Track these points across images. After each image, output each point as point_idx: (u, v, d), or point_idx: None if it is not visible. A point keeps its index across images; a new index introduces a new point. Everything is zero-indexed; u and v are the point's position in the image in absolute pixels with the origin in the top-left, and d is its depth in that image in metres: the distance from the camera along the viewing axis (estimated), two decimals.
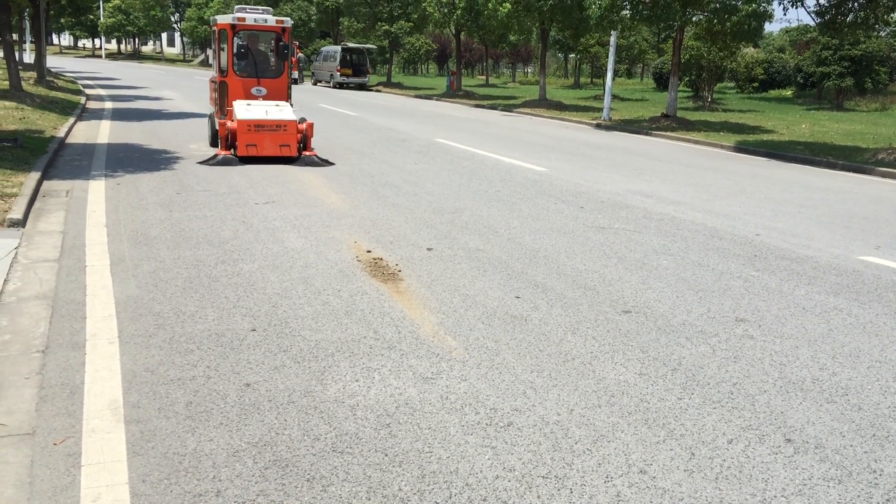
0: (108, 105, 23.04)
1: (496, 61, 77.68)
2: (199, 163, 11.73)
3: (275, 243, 7.14)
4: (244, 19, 12.73)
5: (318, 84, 44.14)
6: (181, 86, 35.77)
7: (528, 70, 79.12)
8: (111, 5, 70.36)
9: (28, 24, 41.42)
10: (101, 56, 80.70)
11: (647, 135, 21.06)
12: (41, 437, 3.51)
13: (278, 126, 12.11)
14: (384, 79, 48.36)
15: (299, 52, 45.21)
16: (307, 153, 12.32)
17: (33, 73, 26.96)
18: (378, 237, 7.56)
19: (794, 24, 48.46)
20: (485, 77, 63.09)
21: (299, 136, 12.32)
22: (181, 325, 4.95)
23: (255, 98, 13.01)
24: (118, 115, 19.68)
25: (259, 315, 5.19)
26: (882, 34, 32.98)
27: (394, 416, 3.82)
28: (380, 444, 3.56)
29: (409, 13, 42.57)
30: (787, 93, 41.68)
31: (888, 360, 4.84)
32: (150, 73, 50.24)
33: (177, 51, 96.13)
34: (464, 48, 50.52)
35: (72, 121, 16.82)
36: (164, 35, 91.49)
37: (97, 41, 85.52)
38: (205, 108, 22.28)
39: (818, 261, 7.30)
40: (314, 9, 53.76)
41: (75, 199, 8.85)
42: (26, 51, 42.85)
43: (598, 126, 23.31)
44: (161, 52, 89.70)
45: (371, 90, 41.69)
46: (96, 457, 3.35)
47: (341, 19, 50.22)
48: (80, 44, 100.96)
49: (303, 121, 12.60)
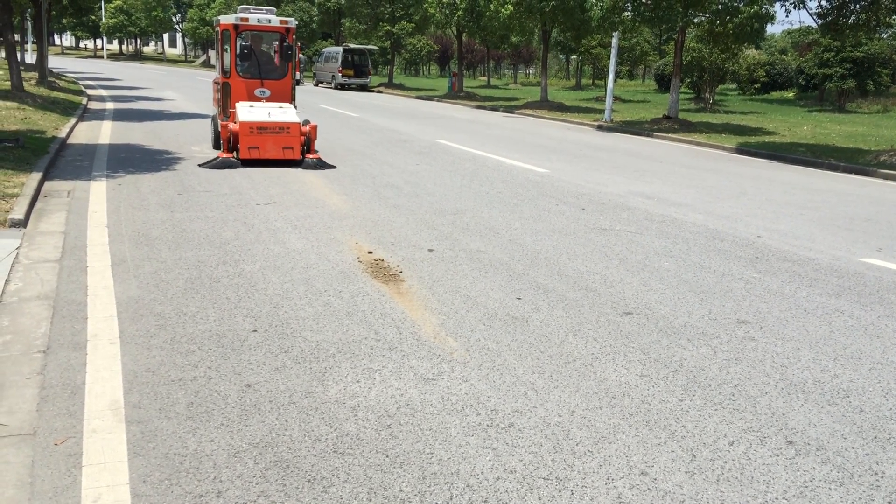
0: (110, 105, 23.05)
1: (498, 62, 77.71)
2: (199, 165, 11.63)
3: (276, 244, 7.14)
4: (247, 19, 12.53)
5: (320, 85, 44.18)
6: (182, 86, 35.80)
7: (530, 71, 79.15)
8: (113, 6, 70.41)
9: (30, 24, 41.44)
10: (102, 56, 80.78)
11: (648, 136, 21.06)
12: (42, 437, 3.51)
13: (281, 128, 11.93)
14: (386, 80, 48.40)
15: (300, 52, 45.26)
16: (310, 156, 12.16)
17: (35, 74, 26.98)
18: (379, 238, 7.56)
19: (795, 26, 48.58)
20: (486, 78, 63.20)
21: (302, 138, 12.15)
22: (182, 325, 4.95)
23: (259, 100, 12.81)
24: (120, 116, 19.69)
25: (260, 316, 5.19)
26: (884, 36, 32.98)
27: (395, 417, 3.82)
28: (381, 445, 3.56)
29: (411, 14, 42.59)
30: (789, 94, 41.70)
31: (890, 362, 4.83)
32: (151, 73, 50.28)
33: (178, 51, 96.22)
34: (465, 49, 50.52)
35: (73, 121, 16.83)
36: (166, 36, 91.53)
37: (99, 42, 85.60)
38: (206, 108, 22.31)
39: (820, 263, 7.30)
40: (316, 10, 53.83)
41: (77, 199, 8.86)
42: (28, 51, 42.88)
43: (600, 127, 23.31)
44: (163, 52, 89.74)
45: (372, 91, 41.73)
46: (97, 457, 3.35)
47: (343, 20, 50.28)
48: (82, 44, 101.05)
49: (306, 123, 12.42)
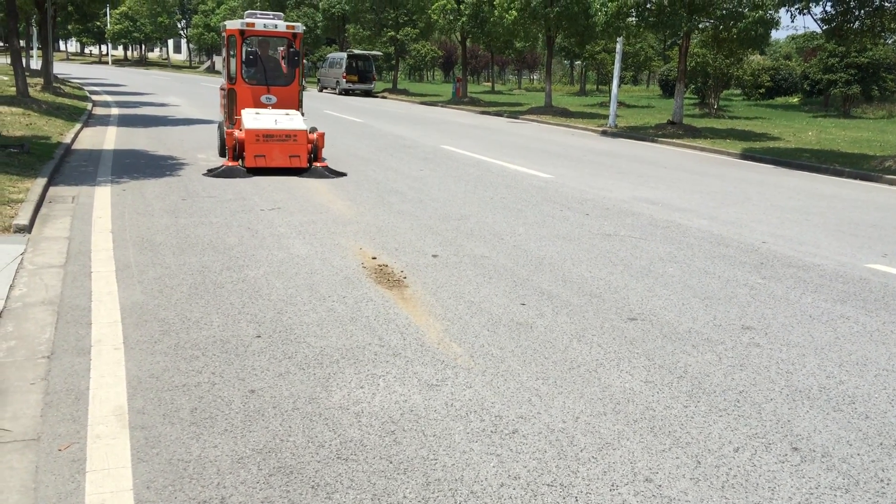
0: (115, 111, 23.11)
1: (502, 68, 77.78)
2: (204, 174, 11.40)
3: (280, 250, 7.14)
4: (253, 25, 12.26)
5: (324, 91, 44.25)
6: (187, 92, 35.88)
7: (534, 77, 79.18)
8: (118, 12, 70.62)
9: (35, 30, 41.63)
10: (107, 62, 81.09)
11: (652, 142, 21.05)
12: (46, 442, 3.51)
13: (288, 136, 11.70)
14: (390, 85, 48.51)
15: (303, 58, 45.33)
16: (318, 164, 11.93)
17: (40, 80, 27.06)
18: (383, 244, 7.56)
19: (800, 32, 48.51)
20: (490, 84, 63.27)
21: (310, 146, 11.90)
22: (186, 331, 4.95)
23: (265, 106, 12.54)
24: (124, 122, 19.74)
25: (264, 321, 5.19)
26: (889, 42, 32.96)
27: (398, 423, 3.81)
28: (384, 451, 3.55)
29: (416, 20, 42.67)
30: (794, 100, 41.68)
31: (895, 369, 4.81)
32: (156, 79, 50.41)
33: (183, 57, 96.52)
34: (469, 55, 50.62)
35: (78, 127, 16.86)
36: (171, 41, 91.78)
37: (104, 47, 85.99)
38: (210, 114, 22.36)
39: (825, 268, 7.28)
40: (320, 15, 53.92)
41: (81, 204, 8.87)
42: (33, 57, 43.04)
43: (604, 133, 23.30)
44: (167, 58, 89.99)
45: (377, 97, 41.79)
46: (101, 463, 3.35)
47: (347, 26, 50.36)
48: (87, 50, 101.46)
49: (313, 130, 12.17)
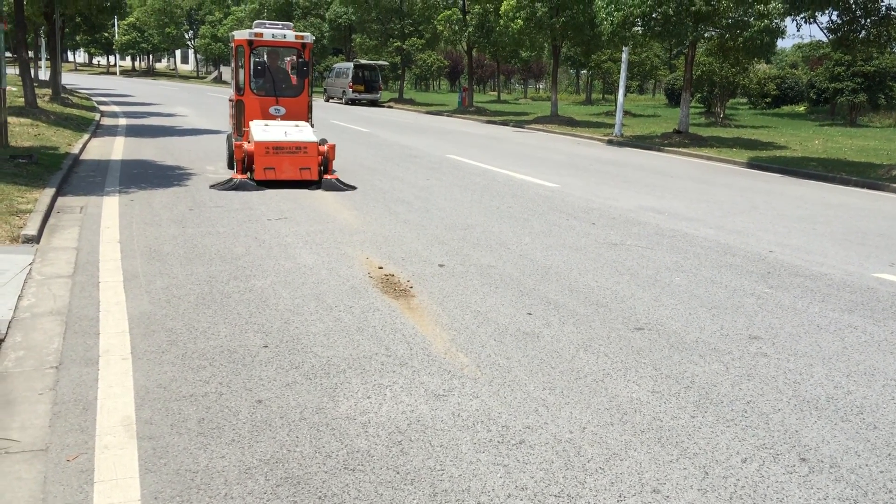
0: (122, 121, 23.22)
1: (508, 77, 77.85)
2: (211, 187, 11.15)
3: (287, 259, 7.16)
4: (262, 35, 12.03)
5: (331, 100, 44.37)
6: (194, 102, 36.04)
7: (540, 86, 79.24)
8: (126, 23, 71.08)
9: (43, 41, 41.91)
10: (115, 73, 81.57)
11: (659, 151, 21.06)
12: (54, 453, 3.52)
13: (298, 148, 11.46)
14: (396, 95, 48.61)
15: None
16: (328, 177, 11.65)
17: (48, 90, 27.22)
18: (390, 253, 7.57)
19: (806, 41, 48.47)
20: (496, 93, 63.35)
21: (320, 158, 11.66)
22: (194, 341, 4.96)
23: (274, 118, 12.26)
24: (132, 132, 19.83)
25: (271, 331, 5.20)
26: (895, 51, 32.91)
27: (405, 434, 3.81)
28: (391, 461, 3.55)
29: (422, 30, 42.79)
30: (800, 109, 41.63)
31: None
32: (163, 89, 50.65)
33: (190, 68, 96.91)
34: (476, 64, 50.69)
35: (86, 137, 16.95)
36: (178, 52, 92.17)
37: (112, 58, 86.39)
38: (218, 124, 22.45)
39: (832, 278, 7.26)
40: (327, 26, 54.12)
41: (89, 215, 8.91)
42: (41, 68, 43.29)
43: (610, 142, 23.32)
44: (175, 68, 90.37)
45: (383, 106, 41.90)
46: (109, 473, 3.36)
47: (354, 36, 50.57)
48: (95, 61, 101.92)
49: (324, 142, 11.91)
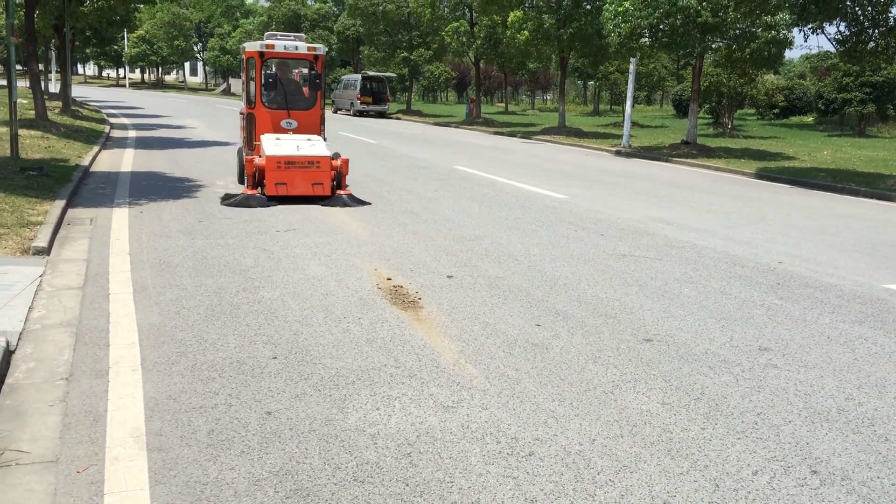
0: (132, 134, 23.34)
1: (515, 88, 78.02)
2: (222, 202, 10.83)
3: (296, 271, 7.17)
4: (273, 46, 11.78)
5: (339, 112, 44.52)
6: (203, 114, 36.21)
7: (548, 97, 79.36)
8: (136, 35, 71.53)
9: (54, 54, 42.23)
10: (125, 85, 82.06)
11: (667, 162, 21.04)
12: (64, 464, 3.53)
13: (311, 163, 11.14)
14: (404, 106, 48.74)
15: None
16: (341, 192, 11.31)
17: (59, 103, 27.41)
18: (398, 265, 7.58)
19: (814, 51, 48.38)
20: (504, 104, 63.42)
21: (333, 173, 11.35)
22: (203, 352, 4.97)
23: (285, 131, 11.96)
24: (141, 144, 19.93)
25: (280, 343, 5.21)
26: None
27: (414, 446, 3.81)
28: (401, 473, 3.54)
29: (429, 42, 42.93)
30: (809, 119, 41.58)
31: None
32: (172, 101, 50.91)
33: (199, 80, 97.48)
34: (483, 76, 50.86)
35: (96, 149, 17.03)
36: (187, 64, 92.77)
37: (121, 71, 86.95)
38: (226, 136, 22.56)
39: (842, 289, 7.23)
40: (335, 38, 54.42)
41: (99, 226, 8.95)
42: (52, 80, 43.59)
43: (618, 153, 23.31)
44: (184, 81, 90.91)
45: (391, 118, 42.02)
46: (119, 485, 3.36)
47: (361, 48, 50.81)
48: (105, 73, 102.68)
49: (337, 156, 11.55)
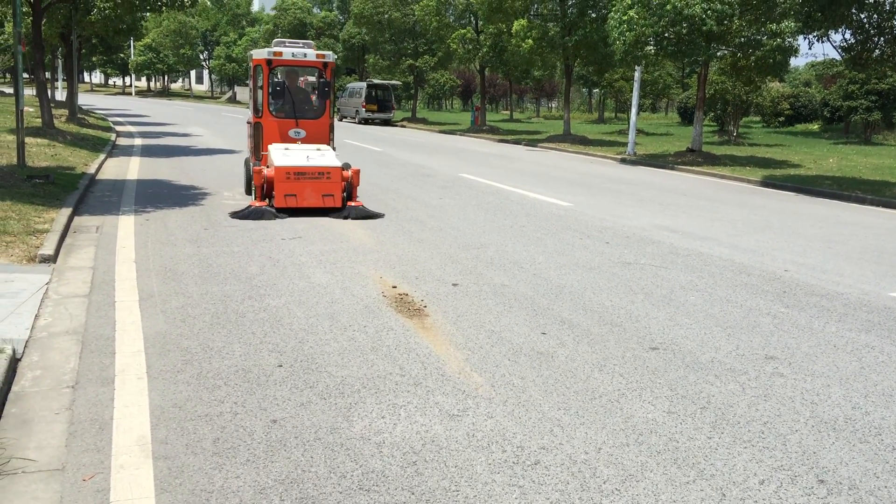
0: (138, 142, 23.42)
1: (520, 96, 78.17)
2: (231, 215, 10.48)
3: (301, 279, 7.18)
4: (281, 54, 11.52)
5: (344, 120, 44.61)
6: (209, 122, 36.32)
7: (553, 105, 79.50)
8: (142, 44, 71.83)
9: (60, 62, 42.41)
10: (131, 93, 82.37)
11: (672, 169, 21.03)
12: (70, 472, 3.53)
13: (321, 173, 10.81)
14: (409, 114, 48.82)
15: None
16: (352, 203, 10.94)
17: (65, 111, 27.51)
18: (403, 273, 7.58)
19: (819, 59, 48.35)
20: (509, 112, 63.53)
21: (343, 184, 11.02)
22: (209, 360, 4.97)
23: (293, 141, 11.70)
24: (147, 152, 19.99)
25: (285, 351, 5.21)
26: None
27: (420, 454, 3.80)
28: (406, 482, 3.54)
29: (434, 50, 43.01)
30: (814, 127, 41.53)
31: None
32: (178, 109, 51.09)
33: (205, 88, 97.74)
34: (488, 83, 50.90)
35: (102, 157, 17.10)
36: (193, 72, 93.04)
37: (127, 79, 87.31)
38: (232, 144, 22.61)
39: (849, 297, 7.21)
40: (340, 46, 54.54)
41: (105, 234, 8.97)
42: (58, 88, 43.77)
43: (623, 161, 23.31)
44: (190, 89, 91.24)
45: (396, 126, 42.09)
46: (125, 493, 3.36)
47: (367, 56, 50.91)
48: (111, 81, 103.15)
49: (347, 167, 11.17)
